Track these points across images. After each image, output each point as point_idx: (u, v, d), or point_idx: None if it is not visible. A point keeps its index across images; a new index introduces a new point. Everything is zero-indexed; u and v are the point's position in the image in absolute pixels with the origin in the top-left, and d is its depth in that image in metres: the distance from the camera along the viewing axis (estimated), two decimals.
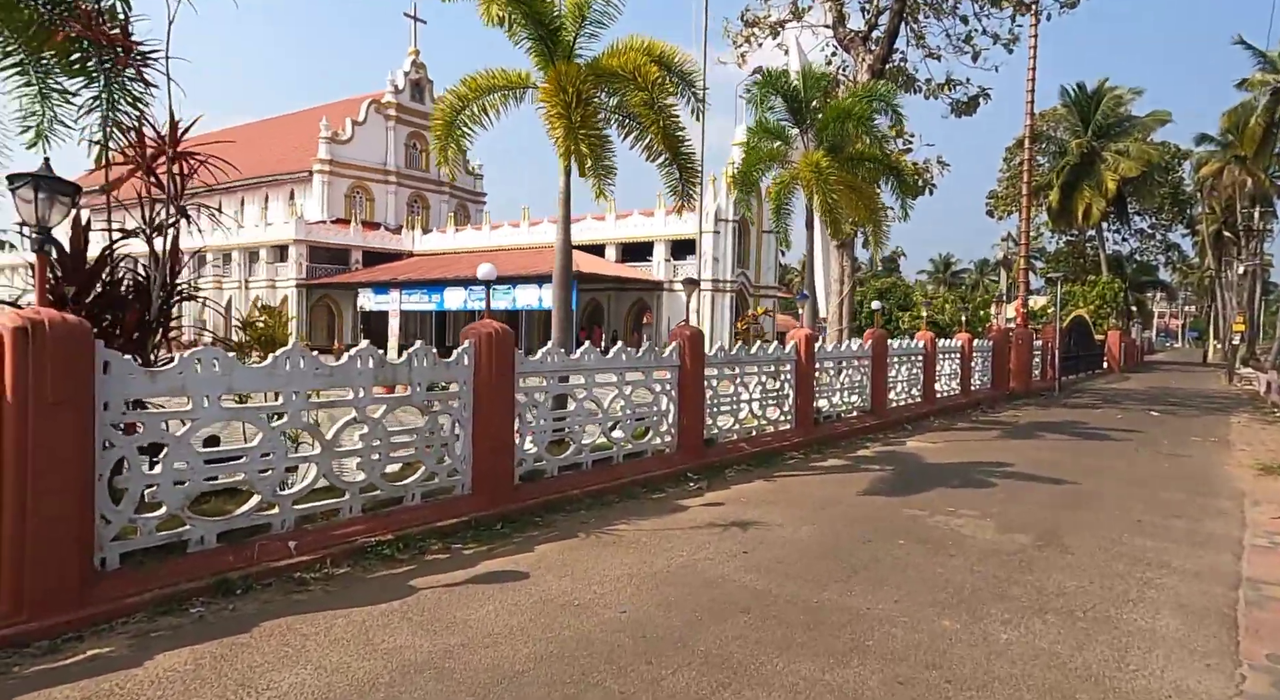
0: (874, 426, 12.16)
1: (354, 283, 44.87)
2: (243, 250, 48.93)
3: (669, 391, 8.07)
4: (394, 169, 54.06)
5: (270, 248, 47.62)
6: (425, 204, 56.58)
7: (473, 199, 60.33)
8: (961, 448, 10.87)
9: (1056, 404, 19.16)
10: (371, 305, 43.49)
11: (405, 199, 55.10)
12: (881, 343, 12.79)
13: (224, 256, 50.26)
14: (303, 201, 51.34)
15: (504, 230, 47.77)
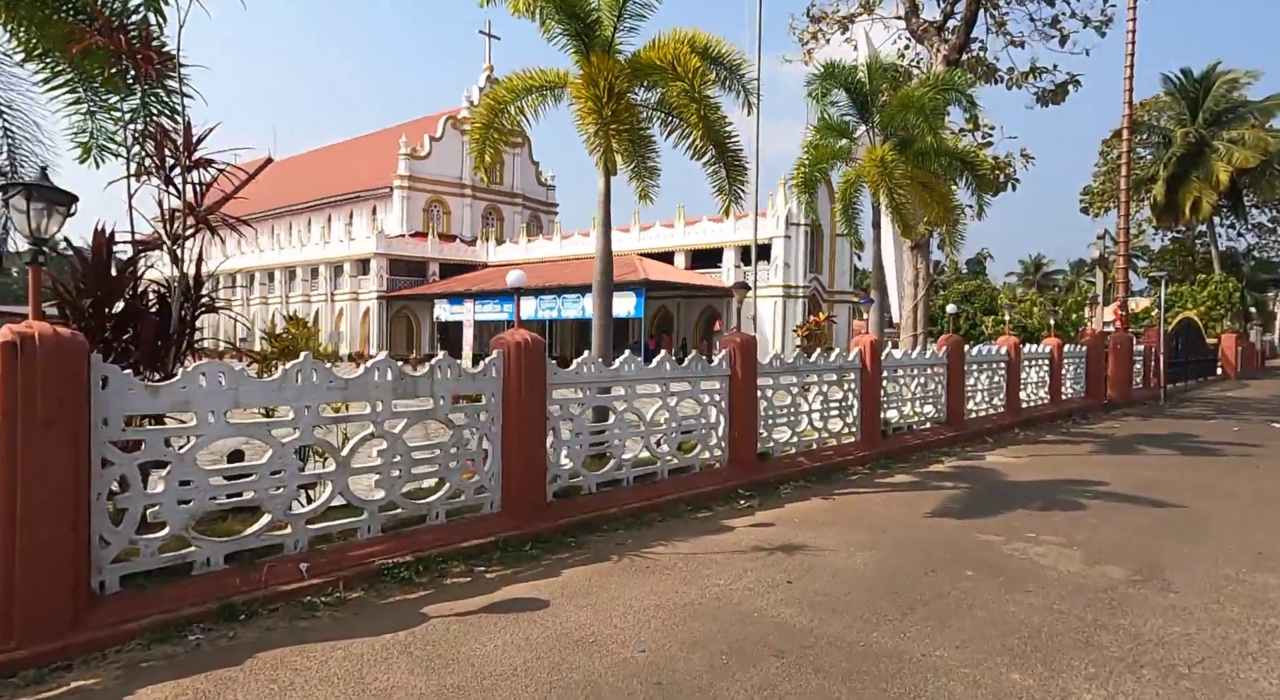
0: (950, 439, 11.30)
1: (430, 294, 46.13)
2: (328, 264, 51.16)
3: (718, 402, 7.62)
4: (469, 183, 55.43)
5: (353, 262, 49.59)
6: (499, 216, 57.78)
7: (545, 210, 61.23)
8: (1048, 463, 9.93)
9: (1161, 414, 17.53)
10: (447, 316, 44.58)
11: (480, 212, 56.44)
12: (957, 349, 11.92)
13: (311, 271, 52.70)
14: (384, 216, 53.30)
15: (574, 240, 48.15)
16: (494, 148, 8.10)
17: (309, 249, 52.95)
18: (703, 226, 42.28)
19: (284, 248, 54.82)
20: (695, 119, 7.17)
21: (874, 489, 8.06)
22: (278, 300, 54.61)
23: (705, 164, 7.99)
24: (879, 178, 10.03)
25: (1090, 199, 53.55)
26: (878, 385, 9.82)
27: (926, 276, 16.33)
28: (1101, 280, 29.69)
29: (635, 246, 44.39)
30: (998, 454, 10.70)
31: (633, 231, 45.02)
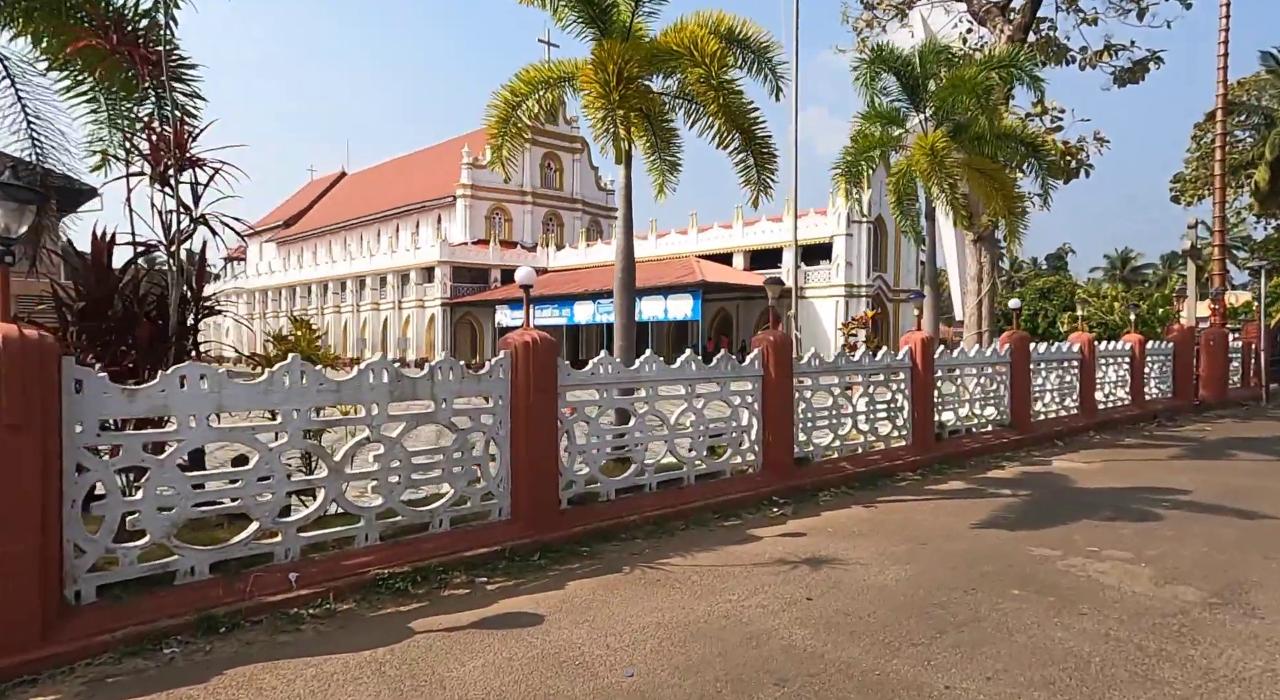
0: (1013, 442, 10.52)
1: (491, 300, 46.88)
2: (395, 273, 52.66)
3: (750, 404, 7.22)
4: (529, 189, 56.19)
5: (419, 270, 50.89)
6: (560, 222, 58.32)
7: (605, 214, 61.43)
8: (1123, 469, 9.09)
9: (1262, 416, 16.03)
10: (508, 321, 45.18)
11: (540, 218, 57.10)
12: (1022, 346, 11.10)
13: (379, 280, 54.38)
14: (447, 225, 54.56)
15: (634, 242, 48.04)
16: (511, 142, 7.94)
17: (377, 259, 54.65)
18: (761, 227, 41.54)
19: (354, 258, 56.72)
20: (715, 107, 6.81)
21: (922, 496, 7.50)
22: (349, 309, 56.57)
23: (731, 153, 7.61)
24: (929, 167, 9.38)
25: (1182, 187, 50.04)
26: (930, 386, 9.20)
27: (991, 271, 15.40)
28: (1193, 272, 27.64)
29: (694, 248, 44.02)
30: (1066, 459, 9.88)
31: (690, 233, 44.64)
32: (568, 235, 57.25)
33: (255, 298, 67.58)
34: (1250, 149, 42.69)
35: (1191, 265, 27.13)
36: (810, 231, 39.47)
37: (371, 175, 71.80)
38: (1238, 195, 45.41)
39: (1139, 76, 14.90)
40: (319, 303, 59.79)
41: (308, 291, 61.21)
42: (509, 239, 54.40)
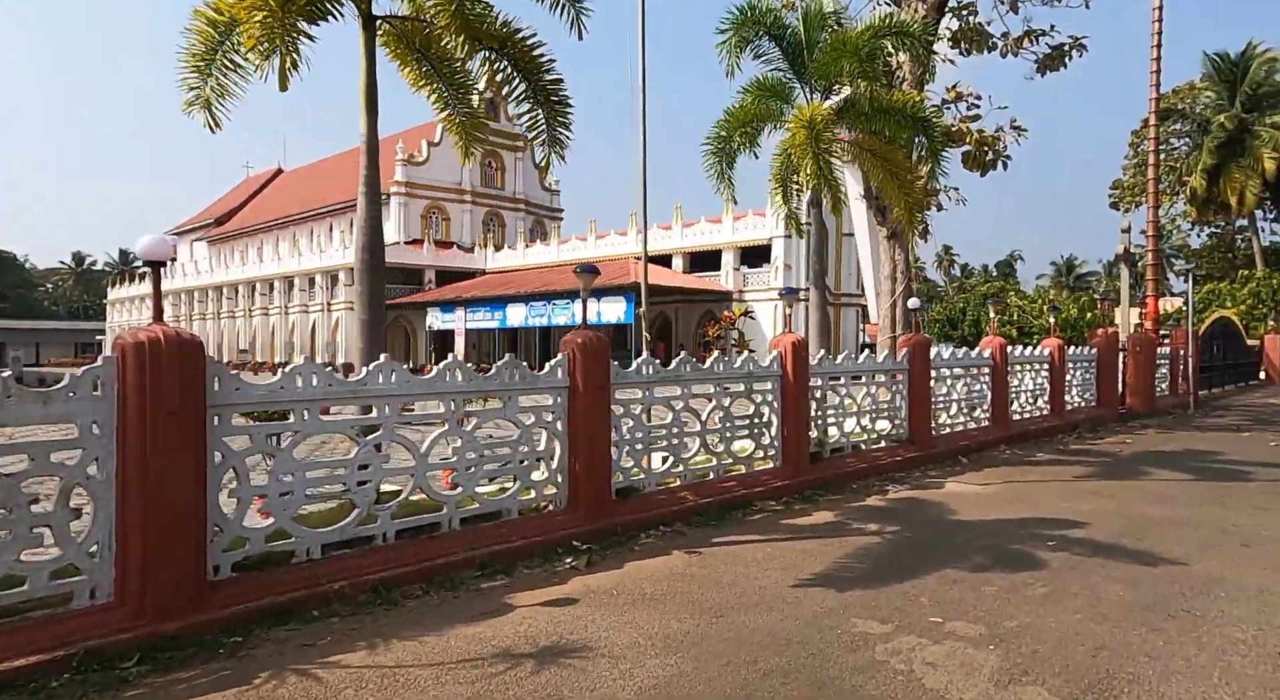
0: (909, 460, 9.28)
1: (422, 302, 44.88)
2: (324, 274, 50.23)
3: (551, 423, 5.76)
4: (469, 188, 54.28)
5: (348, 270, 48.54)
6: (501, 222, 56.49)
7: (549, 215, 59.84)
8: (1021, 493, 7.88)
9: (1187, 426, 15.21)
10: (439, 324, 43.25)
11: (481, 217, 55.18)
12: (922, 352, 9.90)
13: (308, 281, 51.83)
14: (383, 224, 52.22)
15: (572, 244, 46.61)
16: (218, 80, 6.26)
17: (305, 259, 52.13)
18: (700, 228, 40.41)
19: (283, 259, 54.07)
20: (448, 19, 5.32)
21: (770, 536, 6.12)
22: (278, 311, 53.89)
23: (516, 100, 6.22)
24: (805, 142, 8.10)
25: (1120, 194, 50.65)
26: (803, 397, 7.87)
27: (906, 270, 14.28)
28: (1127, 277, 27.16)
29: (634, 249, 42.64)
30: (963, 480, 8.66)
31: (630, 234, 43.28)
32: (510, 235, 55.45)
33: (182, 299, 64.23)
34: (1186, 156, 43.10)
35: (1125, 270, 26.66)
36: (749, 233, 38.45)
37: (308, 172, 68.97)
38: (1174, 202, 45.93)
39: (1059, 63, 13.95)
40: (246, 305, 56.90)
41: (234, 293, 58.24)
42: (447, 239, 52.41)
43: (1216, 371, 26.11)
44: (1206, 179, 38.71)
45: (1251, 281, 35.86)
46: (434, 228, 52.43)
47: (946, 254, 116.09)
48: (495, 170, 56.40)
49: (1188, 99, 43.29)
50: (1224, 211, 39.76)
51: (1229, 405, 20.80)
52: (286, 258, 53.83)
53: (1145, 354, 17.58)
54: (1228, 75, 39.18)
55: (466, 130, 6.84)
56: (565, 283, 38.65)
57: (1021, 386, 12.90)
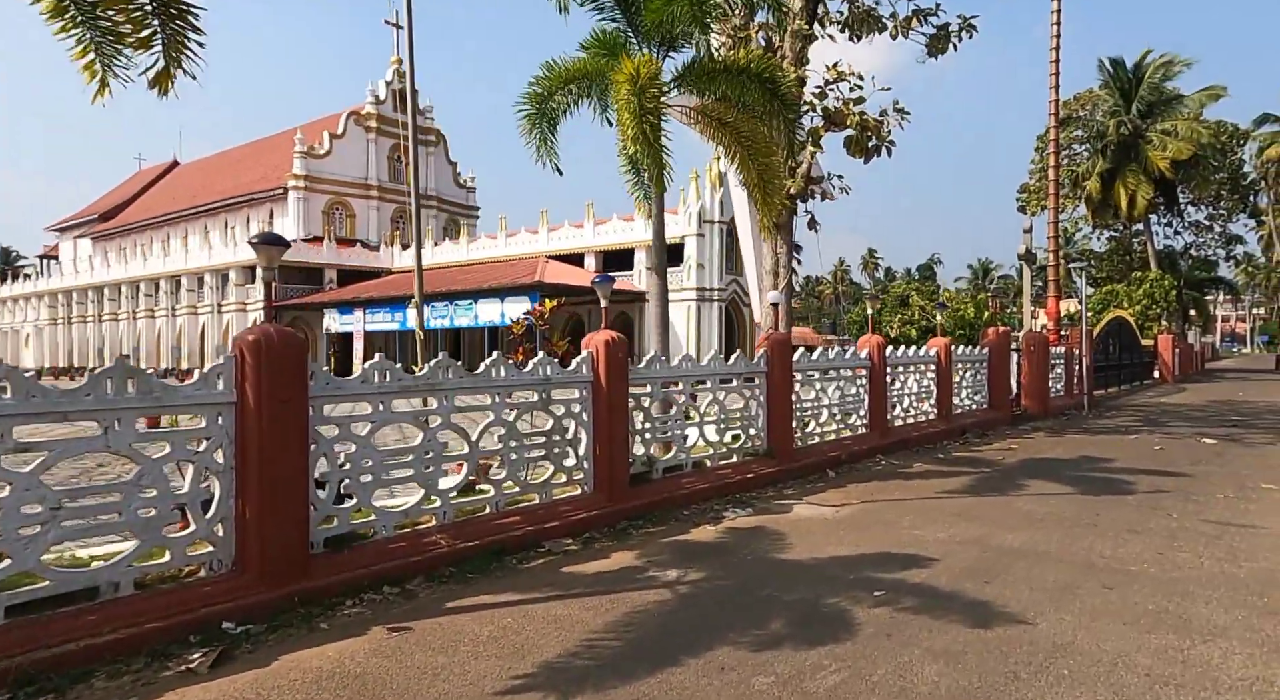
0: (764, 477, 8.05)
1: (319, 303, 42.06)
2: (214, 273, 46.66)
3: (209, 455, 4.18)
4: (375, 183, 51.48)
5: (240, 269, 45.23)
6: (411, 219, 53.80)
7: (464, 213, 57.51)
8: (876, 518, 6.72)
9: (1078, 427, 14.66)
10: (337, 326, 40.57)
11: (389, 214, 52.40)
12: (781, 353, 8.69)
13: (197, 281, 48.10)
14: (280, 220, 49.01)
15: (481, 243, 44.60)
16: None
17: (193, 257, 48.41)
18: (613, 225, 39.04)
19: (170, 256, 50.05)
20: None
21: (531, 594, 4.67)
22: (164, 313, 49.86)
23: None
24: (627, 100, 6.75)
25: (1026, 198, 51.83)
26: (621, 408, 6.49)
27: (788, 264, 13.21)
28: (1029, 277, 27.12)
29: (544, 248, 41.01)
30: (819, 500, 7.46)
31: (541, 232, 41.59)
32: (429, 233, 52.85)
33: (59, 301, 58.95)
34: (1087, 161, 44.29)
35: (1025, 270, 26.60)
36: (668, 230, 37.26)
37: (205, 165, 64.45)
38: (1075, 206, 47.21)
39: (946, 44, 13.14)
40: (130, 307, 52.49)
41: (118, 293, 53.66)
42: (351, 236, 49.50)
43: (1112, 371, 26.31)
44: (1101, 183, 39.72)
45: (1146, 283, 36.88)
46: (337, 224, 49.48)
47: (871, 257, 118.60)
48: (405, 165, 53.69)
49: (1087, 105, 44.50)
50: (1120, 214, 40.90)
51: (1122, 405, 20.70)
52: (175, 256, 49.87)
53: (1039, 354, 17.09)
54: (1123, 82, 40.36)
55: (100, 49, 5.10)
56: (471, 282, 36.71)
57: (904, 389, 11.95)
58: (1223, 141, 42.65)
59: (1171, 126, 38.32)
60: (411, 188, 9.27)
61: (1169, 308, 38.18)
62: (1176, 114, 39.42)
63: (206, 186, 57.65)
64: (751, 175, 8.44)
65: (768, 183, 8.46)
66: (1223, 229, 48.62)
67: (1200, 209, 48.21)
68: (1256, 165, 46.07)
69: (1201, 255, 51.58)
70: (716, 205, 35.91)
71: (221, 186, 55.44)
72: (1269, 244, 54.89)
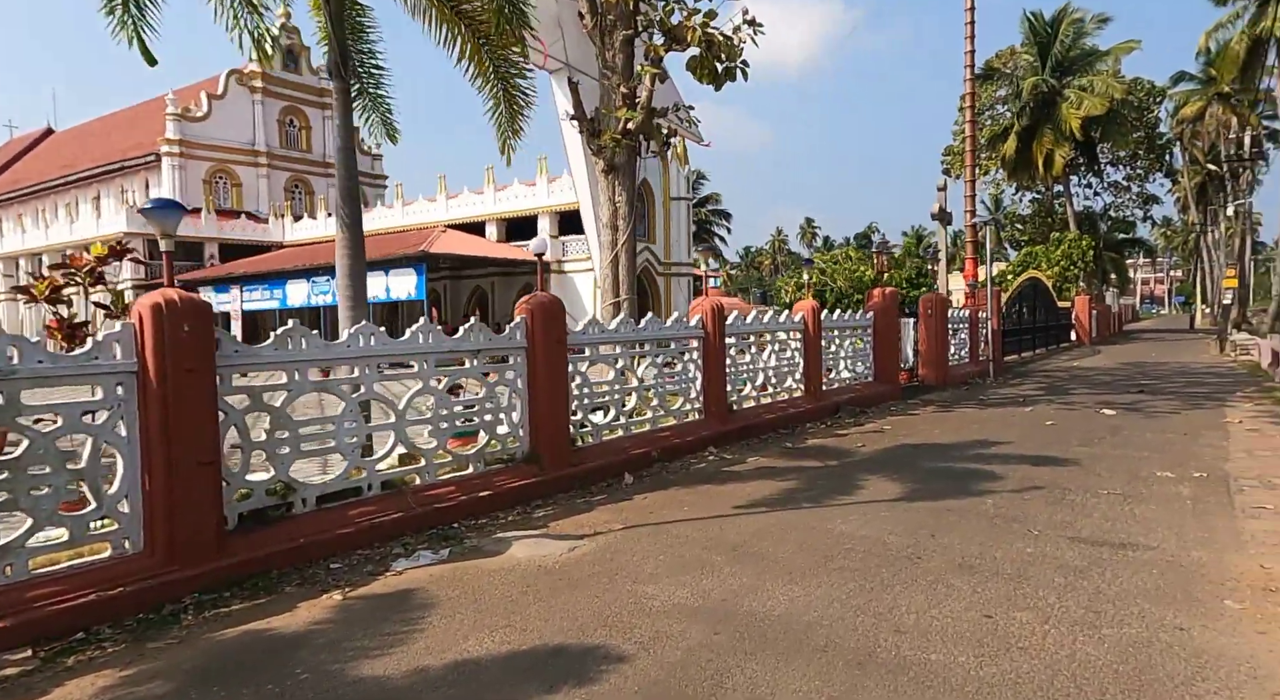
0: (509, 492, 5.84)
1: (194, 281, 38.22)
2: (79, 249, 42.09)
3: None
4: (264, 149, 47.14)
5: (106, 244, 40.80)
6: (308, 189, 49.72)
7: (370, 182, 53.36)
8: (613, 562, 4.59)
9: (974, 399, 12.99)
10: (216, 306, 36.82)
11: (282, 183, 48.19)
12: (547, 321, 6.44)
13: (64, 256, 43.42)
14: (155, 190, 44.49)
15: (377, 212, 41.16)
16: None
17: (54, 231, 43.68)
18: (514, 191, 36.22)
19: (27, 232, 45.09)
20: None
21: None
22: None
23: None
24: None
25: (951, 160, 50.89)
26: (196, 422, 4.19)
27: (629, 214, 11.01)
28: (944, 239, 25.61)
29: (444, 217, 37.97)
30: (564, 529, 5.31)
31: (440, 200, 38.48)
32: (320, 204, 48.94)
33: None
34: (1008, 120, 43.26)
35: (941, 231, 25.03)
36: (565, 196, 34.65)
37: (80, 132, 58.50)
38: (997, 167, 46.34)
39: None
40: None
41: None
42: (238, 207, 45.34)
43: (1026, 335, 25.13)
44: (1020, 143, 38.71)
45: (1064, 244, 36.12)
46: (221, 195, 45.28)
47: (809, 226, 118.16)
48: (299, 130, 49.57)
49: (1009, 63, 43.37)
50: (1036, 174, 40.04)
51: (1031, 371, 19.35)
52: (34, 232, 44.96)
53: (938, 318, 15.39)
54: (1042, 37, 39.21)
55: None
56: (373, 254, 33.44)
57: (758, 364, 9.94)
58: (1139, 99, 42.16)
59: (1088, 83, 37.38)
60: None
61: (1087, 269, 37.59)
62: (1094, 70, 38.53)
63: (80, 155, 52.28)
64: (491, 82, 6.14)
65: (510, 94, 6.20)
66: (1140, 189, 48.51)
67: (1119, 169, 47.98)
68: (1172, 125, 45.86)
69: (1120, 216, 51.60)
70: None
71: (94, 155, 50.27)
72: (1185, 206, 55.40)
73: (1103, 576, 4.18)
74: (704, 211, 67.40)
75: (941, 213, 24.53)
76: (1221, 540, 4.81)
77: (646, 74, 10.52)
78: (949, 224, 25.12)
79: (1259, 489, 6.17)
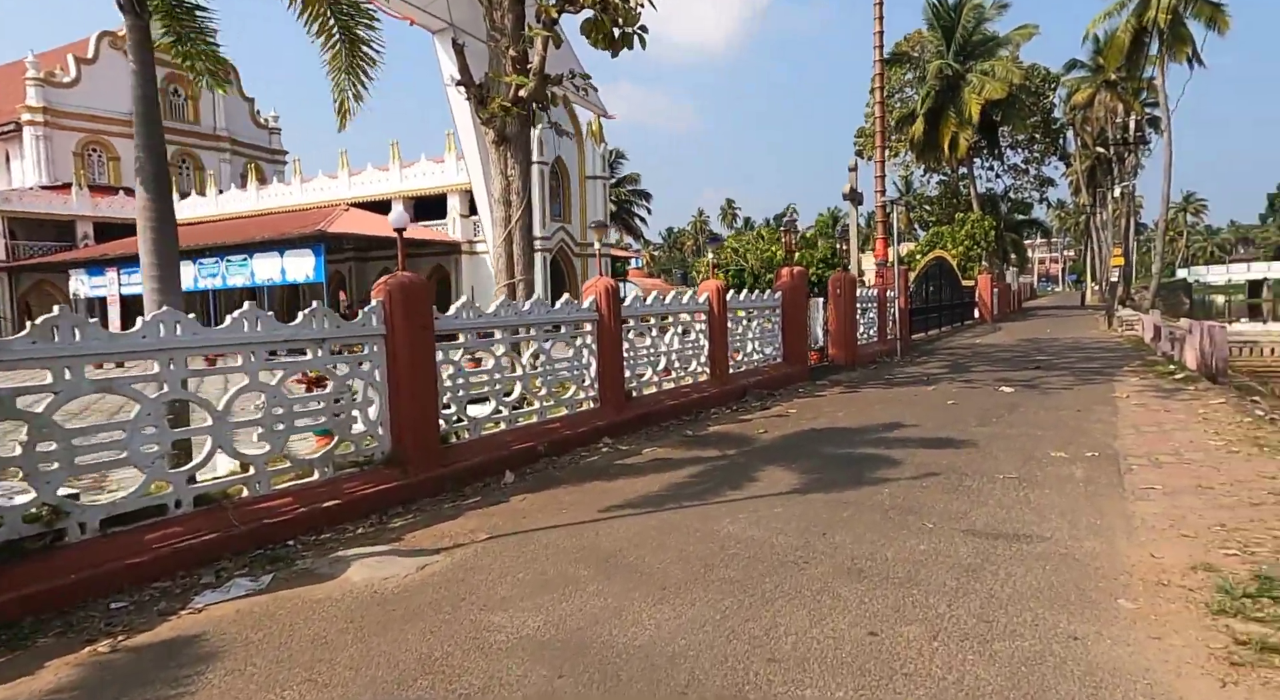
0: (363, 500, 5.13)
1: (64, 263, 34.93)
2: None
3: None
4: None
5: None
6: (198, 163, 46.18)
7: (267, 157, 50.10)
8: (465, 584, 3.97)
9: (881, 379, 12.96)
10: (87, 290, 33.79)
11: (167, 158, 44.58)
12: (410, 305, 5.72)
13: None
14: (20, 164, 40.38)
15: (274, 189, 38.64)
16: None
17: None
18: (421, 168, 34.54)
19: None
20: None
21: None
22: None
23: None
24: None
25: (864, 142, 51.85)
26: None
27: (524, 188, 10.28)
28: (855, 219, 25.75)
29: (347, 195, 35.90)
30: (420, 542, 4.65)
31: (341, 177, 36.34)
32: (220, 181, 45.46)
33: None
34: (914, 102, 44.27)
35: (853, 210, 25.18)
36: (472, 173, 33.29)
37: None
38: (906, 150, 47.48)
39: None
40: None
41: None
42: (114, 183, 41.61)
43: (933, 312, 25.76)
44: (925, 124, 39.63)
45: (968, 224, 37.29)
46: (96, 169, 41.48)
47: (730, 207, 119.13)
48: (185, 100, 45.82)
49: (917, 46, 44.30)
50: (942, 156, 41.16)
51: (936, 349, 19.73)
52: None
53: (846, 297, 15.31)
54: (946, 20, 40.09)
55: None
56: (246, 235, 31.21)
57: (660, 348, 9.46)
58: (1036, 84, 43.82)
59: (989, 67, 38.53)
60: None
61: (989, 249, 39.03)
62: (995, 55, 39.74)
63: None
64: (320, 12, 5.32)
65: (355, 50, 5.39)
66: (1037, 172, 50.70)
67: (1018, 152, 49.97)
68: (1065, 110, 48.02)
69: (1020, 198, 53.90)
70: (535, 141, 32.26)
71: None
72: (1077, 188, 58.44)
73: (996, 575, 3.87)
74: (624, 191, 66.64)
75: (853, 193, 24.68)
76: (1113, 526, 4.62)
77: (538, 36, 9.77)
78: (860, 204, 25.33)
79: (1147, 467, 6.11)
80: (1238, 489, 5.37)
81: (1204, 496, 5.20)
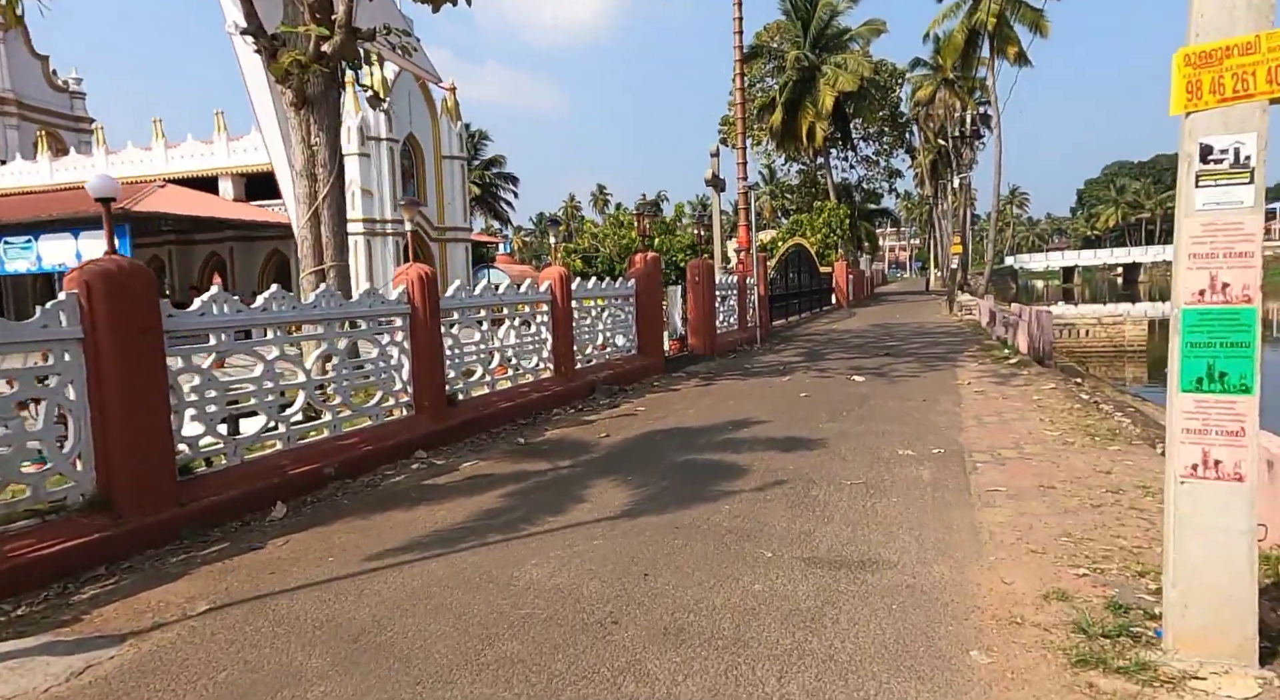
0: (48, 559, 3.80)
1: None
2: None
3: None
4: None
5: None
6: None
7: (69, 126, 43.67)
8: (172, 675, 2.88)
9: (738, 369, 12.54)
10: None
11: None
12: (118, 296, 4.38)
13: None
14: None
15: (72, 160, 33.59)
16: None
17: None
18: (252, 141, 31.02)
19: None
20: None
21: None
22: None
23: None
24: None
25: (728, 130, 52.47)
26: None
27: (332, 159, 8.85)
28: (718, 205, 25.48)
29: (164, 170, 31.77)
30: (138, 604, 3.43)
31: (156, 149, 32.13)
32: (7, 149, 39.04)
33: None
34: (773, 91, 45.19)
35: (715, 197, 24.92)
36: None
37: None
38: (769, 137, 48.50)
39: None
40: None
41: None
42: None
43: (793, 299, 26.14)
44: (784, 114, 40.48)
45: (825, 213, 38.47)
46: None
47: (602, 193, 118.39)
48: None
49: (777, 36, 45.14)
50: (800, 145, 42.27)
51: (794, 336, 19.84)
52: None
53: (705, 285, 14.84)
54: (803, 12, 41.01)
55: None
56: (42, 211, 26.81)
57: (494, 344, 8.41)
58: (884, 79, 45.87)
59: (842, 60, 39.84)
60: None
61: (844, 237, 40.54)
62: (848, 49, 41.15)
63: None
64: None
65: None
66: (886, 164, 53.41)
67: (869, 144, 52.39)
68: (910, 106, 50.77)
69: (871, 188, 56.65)
70: (381, 119, 29.85)
71: None
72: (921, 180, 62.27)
73: (837, 624, 3.21)
74: (489, 174, 64.19)
75: (715, 179, 24.38)
76: (962, 544, 4.14)
77: None
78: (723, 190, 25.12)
79: (991, 465, 5.81)
80: (1077, 488, 5.12)
81: (1047, 499, 4.88)
